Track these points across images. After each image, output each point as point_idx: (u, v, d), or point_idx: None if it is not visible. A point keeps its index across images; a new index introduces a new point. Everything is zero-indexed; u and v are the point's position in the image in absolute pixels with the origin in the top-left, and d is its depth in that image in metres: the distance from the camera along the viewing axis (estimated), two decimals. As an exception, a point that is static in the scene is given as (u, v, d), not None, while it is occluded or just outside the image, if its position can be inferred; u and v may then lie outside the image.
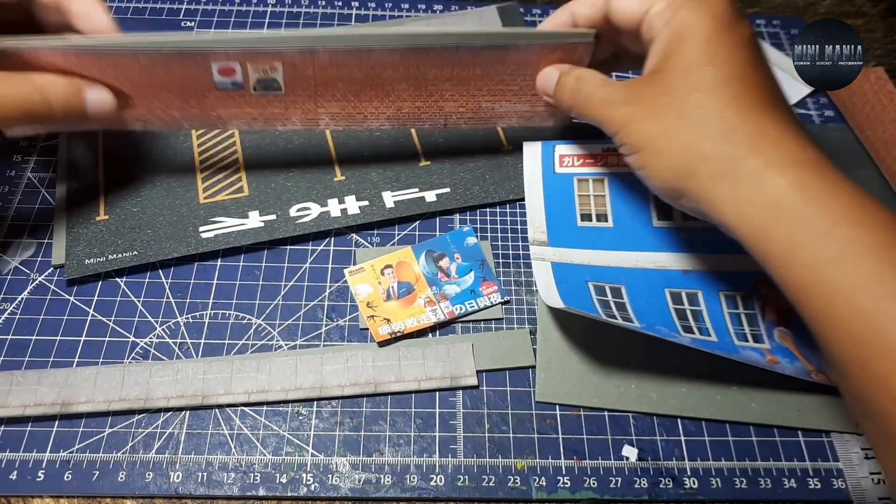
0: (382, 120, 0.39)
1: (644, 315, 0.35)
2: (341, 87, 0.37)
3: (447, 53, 0.36)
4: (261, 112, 0.38)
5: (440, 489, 0.33)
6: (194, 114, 0.37)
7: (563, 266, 0.37)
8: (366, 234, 0.41)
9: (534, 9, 0.52)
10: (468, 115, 0.40)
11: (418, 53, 0.36)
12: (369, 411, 0.35)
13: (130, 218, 0.40)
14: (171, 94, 0.36)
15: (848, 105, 0.47)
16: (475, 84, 0.38)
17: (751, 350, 0.34)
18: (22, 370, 0.35)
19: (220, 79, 0.35)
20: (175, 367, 0.35)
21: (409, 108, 0.39)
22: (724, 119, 0.28)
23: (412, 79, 0.37)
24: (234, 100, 0.37)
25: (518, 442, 0.34)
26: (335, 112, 0.38)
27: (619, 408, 0.35)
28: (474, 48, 0.36)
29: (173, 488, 0.32)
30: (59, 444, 0.33)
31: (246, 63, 0.35)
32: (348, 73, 0.36)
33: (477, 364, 0.36)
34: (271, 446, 0.34)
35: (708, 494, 0.33)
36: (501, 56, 0.36)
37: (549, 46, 0.36)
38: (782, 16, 0.53)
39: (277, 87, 0.36)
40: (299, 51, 0.34)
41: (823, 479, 0.33)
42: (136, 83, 0.35)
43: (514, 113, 0.40)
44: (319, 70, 0.36)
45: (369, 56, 0.35)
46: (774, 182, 0.27)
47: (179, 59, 0.34)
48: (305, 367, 0.35)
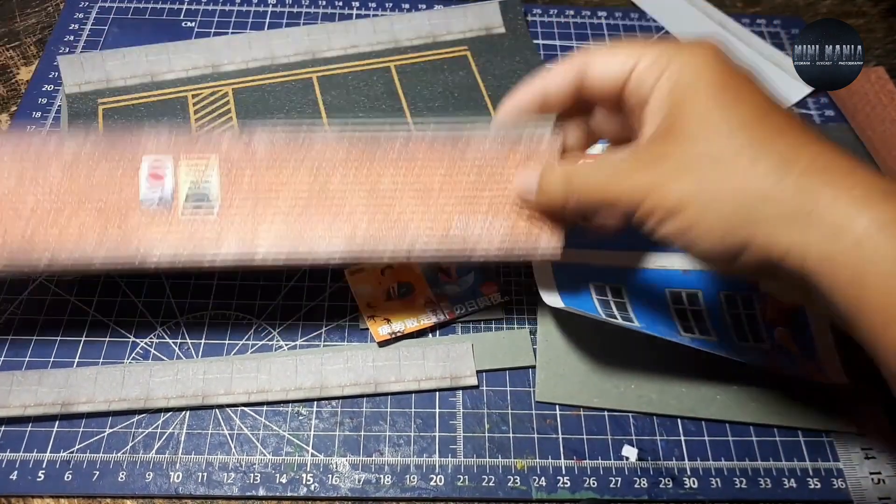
0: (334, 248, 0.32)
1: (644, 315, 0.35)
2: (283, 202, 0.32)
3: (399, 147, 0.32)
4: (189, 240, 0.31)
5: (440, 489, 0.33)
6: (112, 239, 0.31)
7: (564, 266, 0.37)
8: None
9: (535, 8, 0.52)
10: (437, 241, 0.32)
11: (367, 149, 0.32)
12: (369, 411, 0.35)
13: None
14: (90, 214, 0.31)
15: (848, 105, 0.47)
16: (438, 194, 0.32)
17: (751, 350, 0.34)
18: (22, 370, 0.35)
19: (147, 190, 0.31)
20: (175, 368, 0.35)
21: (366, 231, 0.32)
22: (774, 151, 0.24)
23: (365, 185, 0.32)
24: (160, 223, 0.31)
25: (518, 442, 0.34)
26: (276, 239, 0.31)
27: (619, 408, 0.35)
28: (425, 141, 0.32)
29: (173, 488, 0.32)
30: (60, 444, 0.33)
31: (179, 160, 0.31)
32: (291, 175, 0.32)
33: (477, 364, 0.36)
34: (271, 446, 0.34)
35: (708, 494, 0.33)
36: (460, 153, 0.32)
37: (509, 140, 0.32)
38: (782, 16, 0.53)
39: (211, 204, 0.31)
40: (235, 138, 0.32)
41: (823, 479, 0.33)
42: (56, 191, 0.31)
43: (491, 238, 0.32)
44: (258, 173, 0.32)
45: (311, 148, 0.32)
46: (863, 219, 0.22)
47: (107, 152, 0.31)
48: (305, 367, 0.35)
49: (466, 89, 0.46)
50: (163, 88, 0.45)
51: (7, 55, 0.48)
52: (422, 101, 0.45)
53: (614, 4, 0.53)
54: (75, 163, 0.31)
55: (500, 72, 0.47)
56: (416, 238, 0.32)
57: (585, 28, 0.51)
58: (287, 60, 0.47)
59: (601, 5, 0.53)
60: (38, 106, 0.45)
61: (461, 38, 0.48)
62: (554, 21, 0.52)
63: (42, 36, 0.49)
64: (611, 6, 0.53)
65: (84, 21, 0.49)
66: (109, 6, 0.50)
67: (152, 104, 0.44)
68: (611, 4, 0.53)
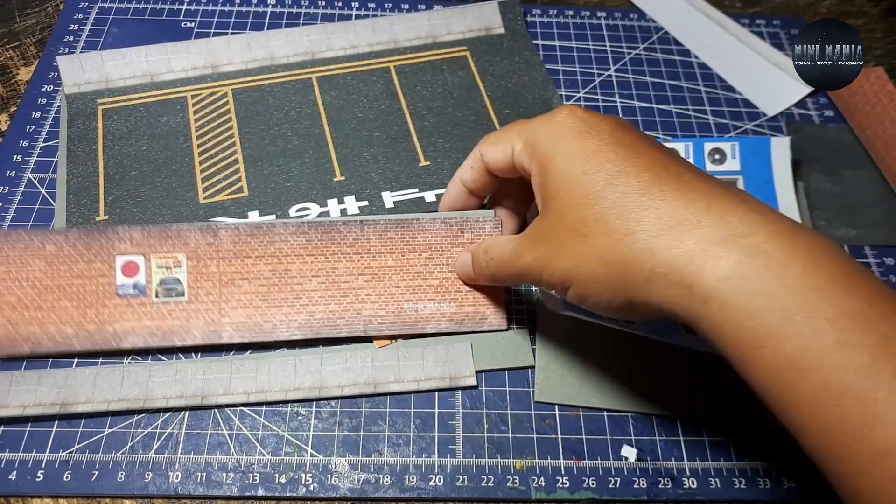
0: (293, 329, 0.35)
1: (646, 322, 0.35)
2: (247, 288, 0.35)
3: (353, 236, 0.36)
4: (160, 325, 0.35)
5: (439, 489, 0.33)
6: (90, 329, 0.35)
7: None
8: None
9: (534, 9, 0.52)
10: (390, 320, 0.36)
11: (324, 238, 0.36)
12: (368, 411, 0.35)
13: (130, 219, 0.40)
14: (70, 303, 0.34)
15: (848, 105, 0.47)
16: (390, 279, 0.36)
17: None
18: (21, 370, 0.35)
19: (122, 280, 0.35)
20: (174, 368, 0.35)
21: (323, 313, 0.36)
22: (624, 215, 0.25)
23: (322, 274, 0.36)
24: (134, 310, 0.35)
25: (517, 442, 0.34)
26: (241, 321, 0.35)
27: (619, 408, 0.35)
28: (378, 228, 0.36)
29: (172, 488, 0.32)
30: (59, 444, 0.33)
31: (150, 255, 0.35)
32: (254, 264, 0.35)
33: (476, 364, 0.36)
34: (270, 446, 0.34)
35: (707, 494, 0.33)
36: (410, 240, 0.36)
37: (455, 226, 0.36)
38: (782, 16, 0.53)
39: (180, 292, 0.35)
40: (203, 233, 0.35)
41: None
42: (37, 286, 0.34)
43: (441, 316, 0.36)
44: (224, 264, 0.35)
45: (273, 240, 0.36)
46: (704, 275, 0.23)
47: (86, 248, 0.35)
48: (305, 367, 0.35)
49: (466, 89, 0.46)
50: (162, 89, 0.45)
51: (7, 55, 0.48)
52: (421, 101, 0.45)
53: (614, 5, 0.53)
54: (57, 257, 0.35)
55: (499, 72, 0.47)
56: (370, 319, 0.36)
57: (585, 28, 0.51)
58: (287, 61, 0.47)
59: (601, 6, 0.53)
60: (38, 106, 0.45)
61: (461, 38, 0.48)
62: (553, 21, 0.52)
63: (42, 36, 0.49)
64: (610, 6, 0.53)
65: (84, 21, 0.49)
66: (109, 6, 0.50)
67: (151, 104, 0.44)
68: (610, 5, 0.53)
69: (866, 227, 0.42)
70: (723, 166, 0.41)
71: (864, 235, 0.41)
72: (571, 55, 0.50)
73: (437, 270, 0.36)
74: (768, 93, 0.48)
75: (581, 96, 0.47)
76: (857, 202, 0.43)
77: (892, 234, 0.42)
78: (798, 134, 0.45)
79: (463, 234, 0.36)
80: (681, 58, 0.50)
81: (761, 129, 0.46)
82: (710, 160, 0.42)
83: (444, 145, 0.44)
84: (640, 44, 0.51)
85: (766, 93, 0.48)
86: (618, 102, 0.47)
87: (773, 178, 0.41)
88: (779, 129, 0.46)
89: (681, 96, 0.48)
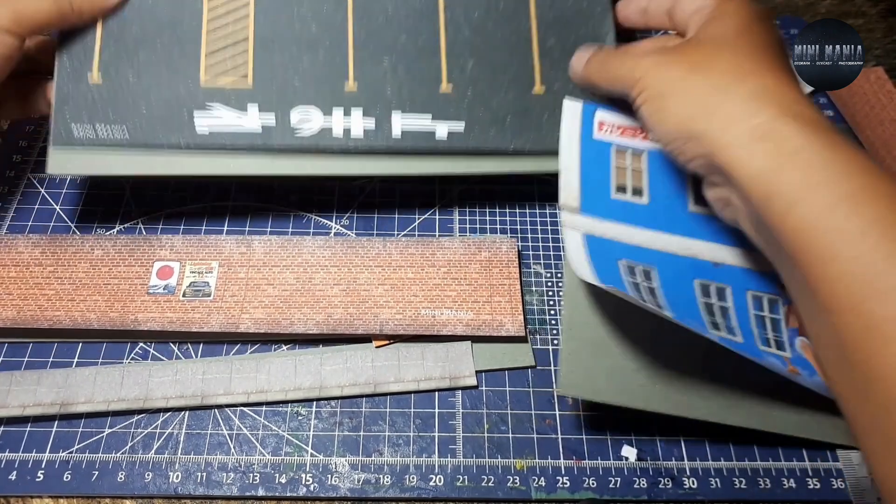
0: (310, 325, 0.36)
1: (674, 305, 0.33)
2: (270, 292, 0.37)
3: (376, 251, 0.38)
4: (181, 317, 0.36)
5: (439, 489, 0.33)
6: (113, 317, 0.36)
7: (595, 239, 0.35)
8: (365, 235, 0.41)
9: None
10: (406, 323, 0.36)
11: (348, 252, 0.38)
12: (368, 411, 0.35)
13: (125, 86, 0.36)
14: (101, 298, 0.36)
15: (848, 105, 0.47)
16: (409, 289, 0.37)
17: (773, 356, 0.33)
18: (21, 370, 0.35)
19: (155, 281, 0.37)
20: (174, 368, 0.35)
21: (341, 315, 0.36)
22: (753, 73, 0.29)
23: (344, 282, 0.37)
24: (160, 305, 0.36)
25: (517, 442, 0.34)
26: (259, 318, 0.36)
27: (644, 408, 0.33)
28: (400, 245, 0.38)
29: (172, 488, 0.32)
30: (59, 444, 0.33)
31: (185, 262, 0.38)
32: (280, 274, 0.38)
33: (476, 364, 0.36)
34: (270, 446, 0.34)
35: (707, 494, 0.33)
36: (430, 254, 0.38)
37: (473, 245, 0.38)
38: (782, 16, 0.53)
39: (207, 293, 0.37)
40: (237, 244, 0.38)
41: (822, 479, 0.33)
42: (77, 283, 0.37)
43: (457, 321, 0.37)
44: (252, 271, 0.38)
45: (300, 252, 0.38)
46: (793, 128, 0.26)
47: (129, 254, 0.38)
48: (305, 367, 0.35)
49: (514, 2, 0.40)
50: None
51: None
52: (461, 5, 0.39)
53: (614, 5, 0.53)
54: (101, 261, 0.38)
55: None
56: (387, 322, 0.36)
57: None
58: None
59: (601, 5, 0.53)
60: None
61: None
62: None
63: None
64: (610, 6, 0.53)
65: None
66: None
67: None
68: (610, 5, 0.53)
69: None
70: None
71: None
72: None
73: (455, 283, 0.38)
74: (768, 93, 0.48)
75: (581, 96, 0.47)
76: (856, 202, 0.43)
77: (892, 234, 0.42)
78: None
79: (481, 252, 0.39)
80: (681, 58, 0.50)
81: (761, 129, 0.46)
82: None
83: (472, 70, 0.39)
84: (639, 44, 0.51)
85: (765, 93, 0.48)
86: (618, 102, 0.47)
87: None
88: (779, 129, 0.46)
89: (681, 96, 0.48)
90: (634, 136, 0.38)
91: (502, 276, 0.38)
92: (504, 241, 0.39)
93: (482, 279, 0.38)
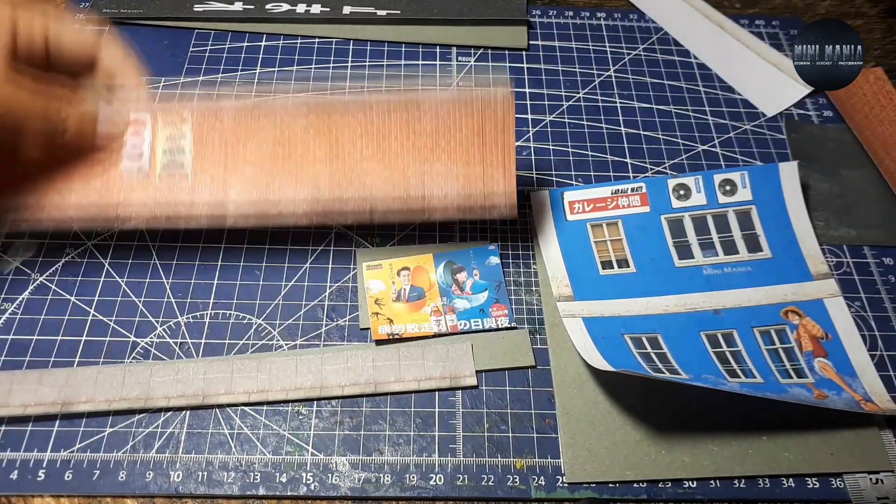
0: (300, 203, 0.35)
1: (688, 364, 0.34)
2: (252, 151, 0.35)
3: (359, 116, 0.35)
4: (165, 196, 0.35)
5: (439, 488, 0.33)
6: (93, 201, 0.34)
7: (596, 321, 0.36)
8: (365, 235, 0.41)
9: (534, 9, 0.52)
10: (398, 203, 0.35)
11: (327, 117, 0.35)
12: (369, 411, 0.35)
13: None
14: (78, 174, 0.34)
15: (847, 105, 0.47)
16: (396, 156, 0.35)
17: (797, 387, 0.33)
18: (23, 370, 0.35)
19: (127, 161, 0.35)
20: (175, 367, 0.35)
21: (328, 187, 0.35)
22: None
23: (323, 135, 0.35)
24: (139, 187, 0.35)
25: (517, 441, 0.34)
26: (245, 198, 0.35)
27: (654, 477, 0.33)
28: (384, 108, 0.35)
29: (174, 488, 0.32)
30: (60, 443, 0.33)
31: (157, 115, 0.35)
32: (256, 126, 0.35)
33: (476, 364, 0.36)
34: (271, 446, 0.34)
35: (707, 494, 0.33)
36: (416, 118, 0.35)
37: (462, 102, 0.35)
38: (782, 16, 0.53)
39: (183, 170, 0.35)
40: (205, 105, 0.36)
41: (822, 478, 0.34)
42: None
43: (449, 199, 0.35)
44: (226, 140, 0.35)
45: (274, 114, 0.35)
46: None
47: None
48: (305, 366, 0.36)
49: None
50: None
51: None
52: None
53: (613, 5, 0.54)
54: None
55: None
56: (377, 198, 0.35)
57: (585, 29, 0.51)
58: None
59: (600, 6, 0.53)
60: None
61: None
62: (553, 22, 0.52)
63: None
64: (610, 7, 0.53)
65: (84, 21, 0.49)
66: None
67: None
68: (610, 5, 0.54)
69: (865, 227, 0.42)
70: (734, 197, 0.40)
71: (863, 235, 0.42)
72: (571, 55, 0.50)
73: (445, 148, 0.35)
74: (767, 93, 0.48)
75: (581, 96, 0.48)
76: (856, 202, 0.43)
77: (891, 234, 0.42)
78: (797, 134, 0.46)
79: (470, 109, 0.35)
80: (680, 58, 0.50)
81: (761, 130, 0.46)
82: (721, 192, 0.40)
83: None
84: (639, 44, 0.51)
85: (765, 93, 0.48)
86: (617, 103, 0.47)
87: (785, 204, 0.40)
88: (778, 130, 0.46)
89: (680, 97, 0.48)
90: (606, 208, 0.40)
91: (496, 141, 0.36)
92: (497, 90, 0.35)
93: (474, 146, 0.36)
